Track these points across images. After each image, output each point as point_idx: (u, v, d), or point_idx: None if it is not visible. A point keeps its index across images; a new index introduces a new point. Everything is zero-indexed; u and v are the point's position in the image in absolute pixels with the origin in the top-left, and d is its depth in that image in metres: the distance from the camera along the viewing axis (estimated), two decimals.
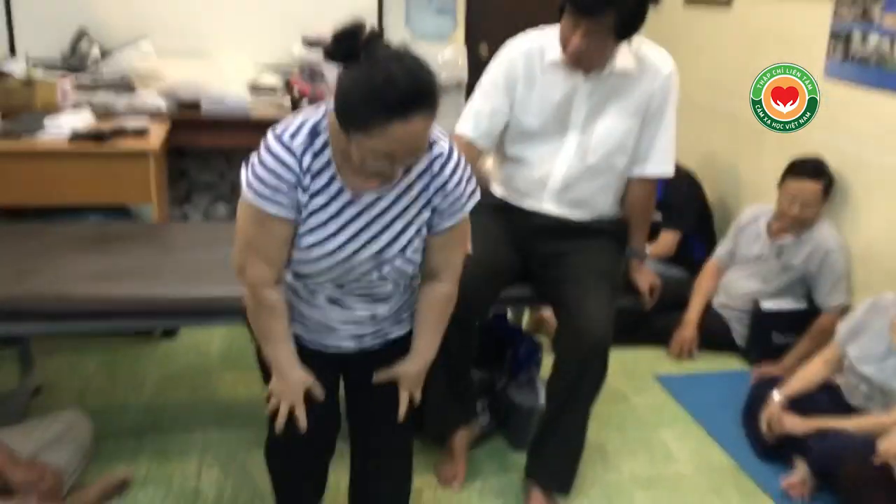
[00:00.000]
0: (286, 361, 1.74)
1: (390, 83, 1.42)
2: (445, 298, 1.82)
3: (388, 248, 1.67)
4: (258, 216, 1.59)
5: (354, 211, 1.63)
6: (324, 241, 1.63)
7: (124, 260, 2.48)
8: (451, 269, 1.79)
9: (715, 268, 3.61)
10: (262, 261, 1.63)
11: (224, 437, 2.72)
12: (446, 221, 1.71)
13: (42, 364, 3.05)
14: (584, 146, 2.38)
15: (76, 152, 3.12)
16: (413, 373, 1.84)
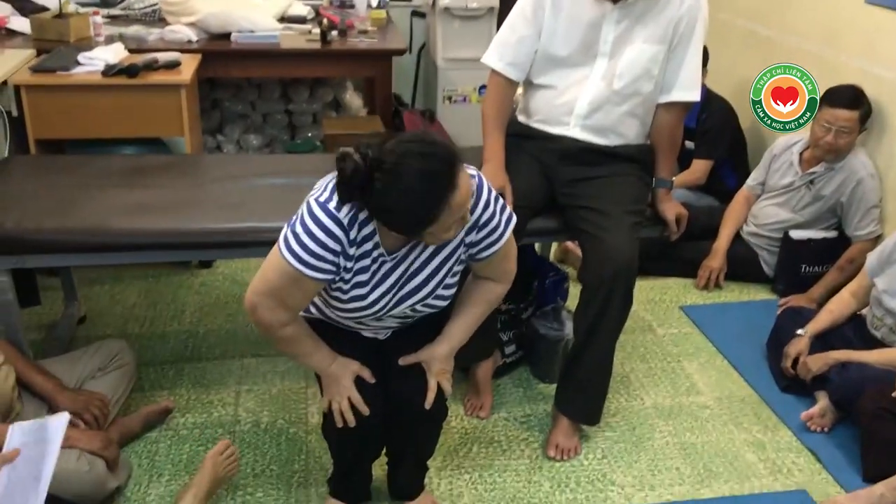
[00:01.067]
0: (326, 362, 1.82)
1: (426, 177, 1.50)
2: (496, 296, 1.92)
3: (421, 291, 1.75)
4: (295, 276, 1.64)
5: (390, 265, 1.72)
6: (364, 296, 1.72)
7: (159, 192, 2.53)
8: (506, 275, 1.88)
9: (746, 197, 3.58)
10: (281, 307, 1.70)
11: (261, 365, 2.83)
12: (486, 251, 1.78)
13: (85, 294, 3.18)
14: (611, 72, 2.38)
15: (110, 86, 3.16)
16: (440, 355, 1.89)
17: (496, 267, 1.86)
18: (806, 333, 2.73)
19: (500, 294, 1.93)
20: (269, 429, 2.52)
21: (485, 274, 1.87)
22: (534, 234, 2.57)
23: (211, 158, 3.56)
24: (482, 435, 2.54)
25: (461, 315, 1.91)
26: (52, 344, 2.80)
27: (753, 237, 3.52)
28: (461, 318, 1.91)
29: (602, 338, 2.39)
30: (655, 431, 2.59)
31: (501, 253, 1.81)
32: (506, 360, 2.80)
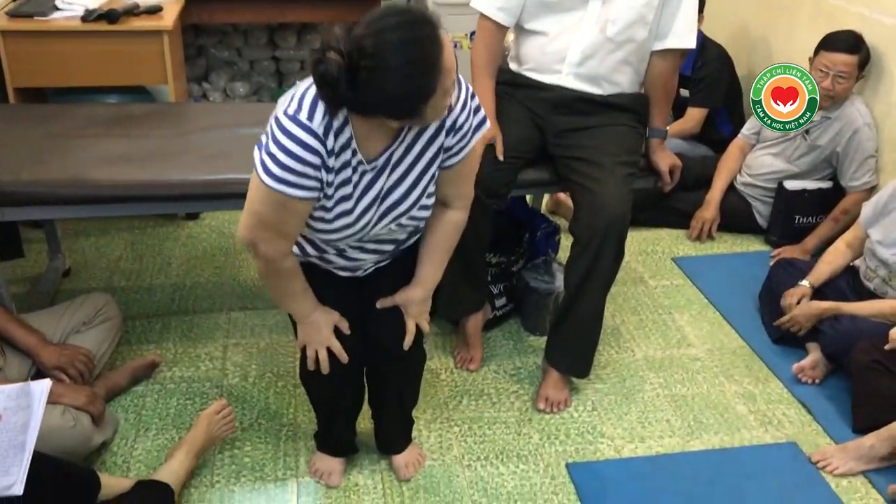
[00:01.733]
0: (309, 309, 1.78)
1: (414, 45, 1.39)
2: (456, 226, 1.84)
3: (406, 201, 1.68)
4: (279, 200, 1.55)
5: (371, 175, 1.63)
6: (349, 212, 1.64)
7: (142, 142, 2.47)
8: (464, 198, 1.80)
9: (740, 147, 3.53)
10: (279, 237, 1.62)
11: (249, 318, 2.80)
12: (455, 157, 1.70)
13: (70, 246, 3.13)
14: (605, 17, 2.31)
15: (89, 32, 3.08)
16: (417, 299, 1.87)
17: (457, 184, 1.76)
18: (808, 284, 2.70)
19: (460, 223, 1.84)
20: (258, 382, 2.50)
21: (445, 193, 1.76)
22: (525, 186, 2.53)
23: (196, 107, 3.48)
24: (472, 388, 2.52)
25: (429, 255, 1.86)
26: (35, 297, 2.76)
27: (747, 188, 3.48)
28: (430, 259, 1.86)
29: (593, 290, 2.35)
30: (646, 384, 2.58)
31: (467, 163, 1.73)
32: (496, 312, 2.78)
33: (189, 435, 2.11)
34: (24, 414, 1.70)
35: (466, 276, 2.50)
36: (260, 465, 2.19)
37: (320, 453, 2.17)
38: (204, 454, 2.15)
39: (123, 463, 2.17)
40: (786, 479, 2.22)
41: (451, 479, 2.18)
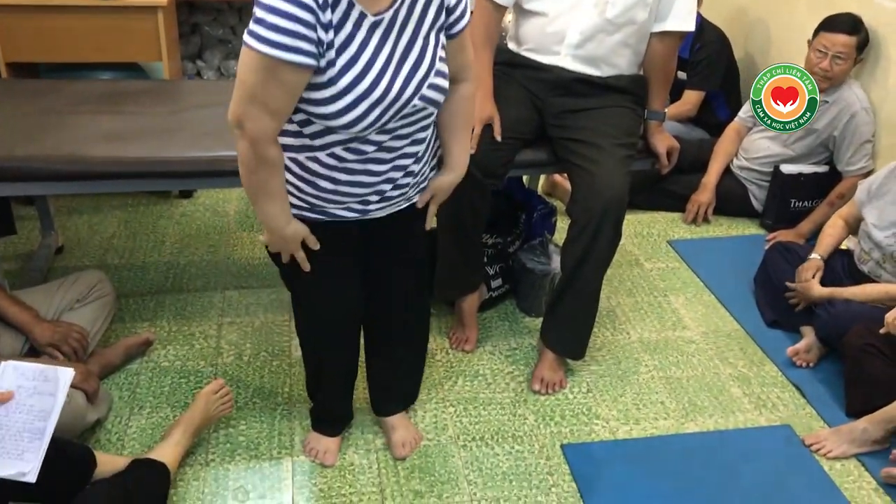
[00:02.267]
0: (282, 216, 1.69)
1: None
2: (468, 98, 1.83)
3: (423, 61, 1.61)
4: (270, 66, 1.46)
5: (378, 37, 1.56)
6: (359, 79, 1.54)
7: (137, 119, 2.45)
8: (468, 68, 1.79)
9: (737, 130, 3.53)
10: (268, 114, 1.52)
11: (242, 296, 2.79)
12: (460, 21, 1.68)
13: (63, 224, 3.11)
14: None
15: (83, 6, 3.05)
16: (448, 184, 1.88)
17: (465, 55, 1.76)
18: (820, 257, 2.71)
19: (471, 94, 1.84)
20: (252, 361, 2.50)
21: (453, 66, 1.73)
22: (523, 167, 2.52)
23: (190, 84, 3.45)
24: (467, 368, 2.52)
25: (453, 136, 1.85)
26: (28, 274, 2.74)
27: (743, 171, 3.48)
28: (455, 140, 1.85)
29: (589, 272, 2.35)
30: (641, 366, 2.59)
31: (465, 35, 1.73)
32: (492, 293, 2.77)
33: (186, 414, 2.11)
34: (43, 400, 1.68)
35: (463, 256, 2.50)
36: (255, 444, 2.19)
37: (315, 432, 2.18)
38: (200, 433, 2.15)
39: (118, 440, 2.17)
40: (779, 462, 2.23)
41: (447, 458, 2.18)
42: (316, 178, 1.68)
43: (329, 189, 1.69)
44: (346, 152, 1.64)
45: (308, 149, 1.65)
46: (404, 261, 1.98)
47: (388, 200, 1.77)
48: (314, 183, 1.69)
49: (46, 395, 1.70)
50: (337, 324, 1.96)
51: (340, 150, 1.63)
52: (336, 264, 1.85)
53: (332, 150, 1.63)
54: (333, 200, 1.72)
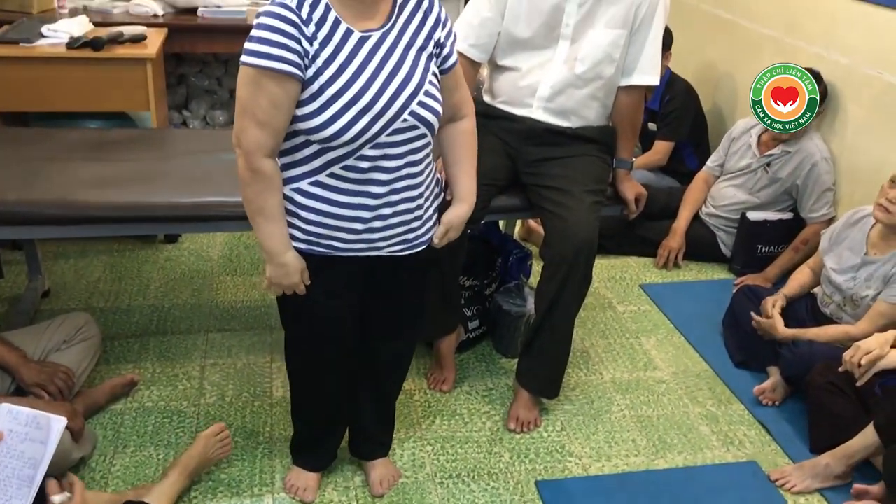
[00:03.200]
0: (281, 242, 1.75)
1: None
2: (471, 132, 1.95)
3: (411, 82, 1.71)
4: (257, 78, 1.58)
5: (366, 52, 1.67)
6: (346, 88, 1.64)
7: (125, 165, 2.54)
8: (467, 104, 1.92)
9: (705, 179, 3.66)
10: (260, 127, 1.61)
11: (225, 339, 2.85)
12: (449, 59, 1.83)
13: (49, 268, 3.17)
14: (573, 56, 2.43)
15: (74, 59, 3.14)
16: (460, 216, 1.96)
17: (462, 91, 1.91)
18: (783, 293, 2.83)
19: (472, 128, 1.96)
20: (234, 402, 2.55)
21: (452, 103, 1.87)
22: (498, 212, 2.62)
23: (177, 133, 3.55)
24: (445, 408, 2.59)
25: (461, 168, 1.96)
26: (15, 317, 2.80)
27: (712, 218, 3.61)
28: (463, 171, 1.96)
29: (562, 313, 2.44)
30: (613, 405, 2.66)
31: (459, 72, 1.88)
32: (469, 335, 2.86)
33: (185, 455, 2.15)
34: (34, 447, 1.68)
35: (441, 298, 2.57)
36: (236, 482, 2.23)
37: (297, 468, 2.23)
38: (198, 475, 2.18)
39: (102, 479, 2.21)
40: (746, 497, 2.30)
41: (424, 496, 2.23)
42: (319, 204, 1.75)
43: (332, 214, 1.76)
44: (344, 171, 1.71)
45: (308, 174, 1.73)
46: (405, 305, 2.05)
47: (391, 229, 1.82)
48: (318, 210, 1.75)
49: (38, 443, 1.71)
50: (333, 358, 2.02)
51: (338, 168, 1.71)
52: (338, 305, 1.92)
53: (331, 170, 1.71)
54: (339, 227, 1.77)
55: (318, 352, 2.00)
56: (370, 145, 1.70)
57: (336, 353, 2.01)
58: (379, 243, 1.84)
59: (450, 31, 1.84)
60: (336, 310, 1.92)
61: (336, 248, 1.81)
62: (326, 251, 1.81)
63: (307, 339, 1.99)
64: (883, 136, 3.03)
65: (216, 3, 3.75)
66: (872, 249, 2.62)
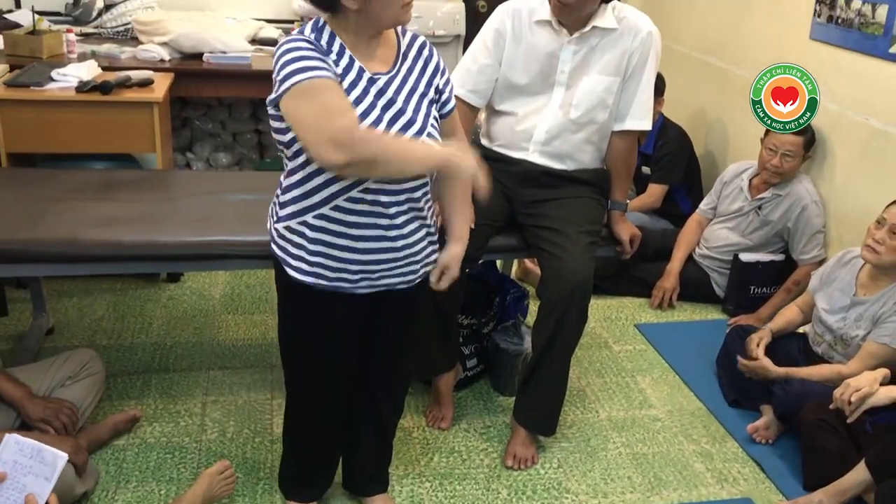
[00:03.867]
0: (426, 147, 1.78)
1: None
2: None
3: (417, 118, 1.81)
4: (310, 88, 1.67)
5: (374, 92, 1.78)
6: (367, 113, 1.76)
7: (131, 206, 2.60)
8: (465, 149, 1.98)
9: (698, 221, 3.74)
10: (339, 115, 1.66)
11: (226, 377, 2.89)
12: (448, 103, 1.92)
13: (53, 306, 3.22)
14: (568, 101, 2.51)
15: (83, 102, 3.22)
16: (457, 255, 2.02)
17: (458, 135, 2.00)
18: (768, 329, 2.88)
19: None
20: (235, 438, 2.58)
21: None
22: (495, 252, 2.68)
23: (181, 174, 3.63)
24: (443, 445, 2.62)
25: (454, 209, 2.02)
26: (20, 354, 2.84)
27: (705, 259, 3.67)
28: (456, 212, 2.02)
29: (558, 351, 2.49)
30: (609, 442, 2.70)
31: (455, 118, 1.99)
32: (467, 373, 2.90)
33: (189, 491, 2.17)
34: (37, 482, 1.70)
35: (439, 336, 2.62)
36: None
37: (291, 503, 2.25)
38: None
39: None
40: None
41: None
42: (326, 236, 1.81)
43: (338, 245, 1.81)
44: (349, 202, 1.78)
45: (314, 206, 1.79)
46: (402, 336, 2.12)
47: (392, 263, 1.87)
48: (327, 242, 1.81)
49: (41, 479, 1.72)
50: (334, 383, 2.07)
51: (342, 201, 1.78)
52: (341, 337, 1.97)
53: (335, 203, 1.78)
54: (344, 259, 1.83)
55: (320, 380, 2.05)
56: (373, 179, 1.77)
57: (336, 381, 2.06)
58: (381, 278, 1.89)
59: (448, 78, 1.94)
60: (338, 342, 1.98)
61: (341, 286, 1.87)
62: (332, 286, 1.86)
63: (309, 371, 2.04)
64: (870, 180, 3.11)
65: (221, 49, 3.85)
66: (862, 290, 2.68)
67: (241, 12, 4.37)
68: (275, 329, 3.09)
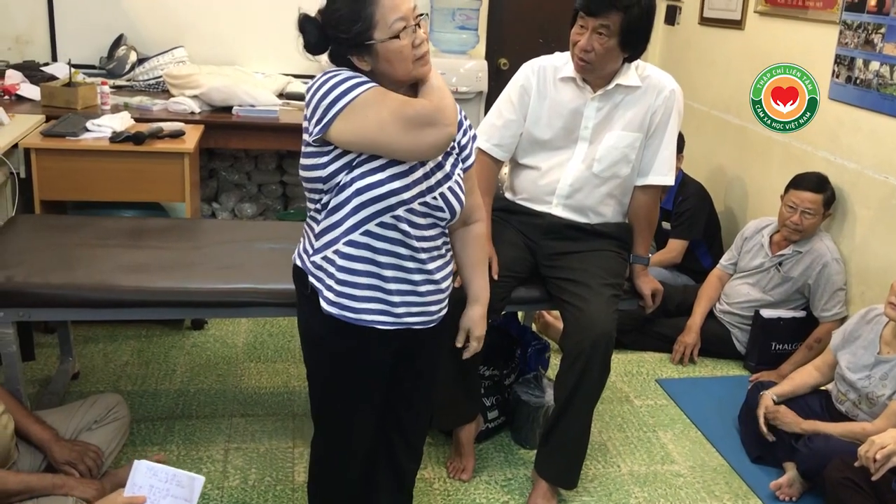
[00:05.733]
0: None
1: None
2: (482, 236, 2.07)
3: (440, 169, 1.86)
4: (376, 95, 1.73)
5: None
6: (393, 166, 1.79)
7: (160, 253, 2.66)
8: (480, 209, 2.05)
9: (719, 276, 3.75)
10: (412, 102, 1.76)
11: (248, 424, 2.91)
12: (468, 158, 1.96)
13: (80, 351, 3.26)
14: (591, 156, 2.56)
15: (117, 152, 3.31)
16: (478, 316, 2.07)
17: (476, 196, 2.03)
18: (772, 392, 2.87)
19: (484, 232, 2.09)
20: (257, 485, 2.59)
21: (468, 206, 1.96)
22: (518, 303, 2.70)
23: (209, 223, 3.69)
24: (464, 497, 2.61)
25: (473, 270, 2.06)
26: (46, 398, 2.87)
27: (726, 315, 3.67)
28: (475, 273, 2.06)
29: (581, 404, 2.49)
30: (631, 497, 2.68)
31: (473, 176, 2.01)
32: (488, 425, 2.90)
33: None
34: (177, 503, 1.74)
35: (461, 386, 2.64)
36: None
37: None
38: None
39: None
40: None
41: None
42: (354, 263, 1.83)
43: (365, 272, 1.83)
44: (379, 227, 1.81)
45: (346, 233, 1.81)
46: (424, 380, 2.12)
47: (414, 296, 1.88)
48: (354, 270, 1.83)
49: (181, 501, 1.77)
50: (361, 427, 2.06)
51: (373, 226, 1.80)
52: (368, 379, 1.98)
53: (366, 228, 1.80)
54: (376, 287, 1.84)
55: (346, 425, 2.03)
56: (404, 208, 1.80)
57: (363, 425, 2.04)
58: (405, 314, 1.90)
59: (470, 136, 1.98)
60: (365, 384, 1.98)
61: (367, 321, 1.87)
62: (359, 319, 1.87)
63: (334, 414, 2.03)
64: (892, 237, 3.12)
65: (250, 103, 3.95)
66: (886, 348, 2.68)
67: (270, 67, 4.48)
68: (297, 377, 3.15)
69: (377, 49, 1.74)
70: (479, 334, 2.09)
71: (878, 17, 3.16)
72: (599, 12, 2.34)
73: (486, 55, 4.91)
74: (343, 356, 1.94)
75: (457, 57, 4.60)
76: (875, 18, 3.18)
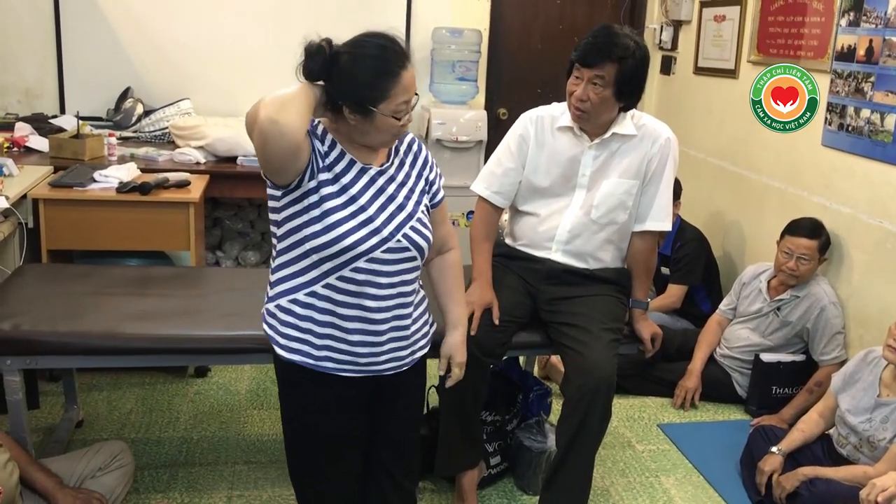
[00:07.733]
0: None
1: (386, 51, 1.77)
2: (457, 263, 2.13)
3: (403, 209, 1.90)
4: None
5: (366, 179, 1.87)
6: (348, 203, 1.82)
7: (165, 301, 2.69)
8: (453, 238, 2.12)
9: (718, 321, 3.78)
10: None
11: (251, 471, 2.91)
12: (437, 194, 2.03)
13: (83, 399, 3.28)
14: (589, 203, 2.61)
15: (124, 202, 3.36)
16: (458, 342, 2.09)
17: (447, 225, 2.10)
18: (780, 452, 2.86)
19: (458, 259, 2.14)
20: None
21: (439, 236, 2.04)
22: (519, 348, 2.73)
23: (213, 271, 3.73)
24: None
25: (450, 297, 2.11)
26: (50, 446, 2.88)
27: (726, 359, 3.69)
28: (452, 300, 2.11)
29: (583, 448, 2.50)
30: None
31: (443, 209, 2.07)
32: (491, 470, 2.90)
33: None
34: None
35: (463, 432, 2.65)
36: None
37: None
38: None
39: None
40: None
41: None
42: (316, 314, 1.85)
43: (328, 323, 1.85)
44: (340, 281, 1.83)
45: (305, 285, 1.85)
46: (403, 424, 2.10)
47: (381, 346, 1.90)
48: (316, 320, 1.85)
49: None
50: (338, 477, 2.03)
51: (334, 279, 1.83)
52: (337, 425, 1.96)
53: (326, 281, 1.84)
54: (333, 337, 1.86)
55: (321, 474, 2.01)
56: (365, 258, 1.83)
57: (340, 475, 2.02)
58: (370, 364, 1.91)
59: (437, 172, 2.05)
60: (334, 431, 1.96)
61: (335, 369, 1.89)
62: (329, 367, 1.89)
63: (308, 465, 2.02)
64: (888, 280, 3.16)
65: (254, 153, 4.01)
66: (885, 390, 2.70)
67: None
68: None
69: (374, 116, 1.79)
70: (461, 360, 2.10)
71: (867, 66, 3.24)
72: (595, 63, 2.41)
73: (486, 105, 5.02)
74: (309, 404, 1.94)
75: (457, 107, 4.70)
76: (864, 67, 3.26)
